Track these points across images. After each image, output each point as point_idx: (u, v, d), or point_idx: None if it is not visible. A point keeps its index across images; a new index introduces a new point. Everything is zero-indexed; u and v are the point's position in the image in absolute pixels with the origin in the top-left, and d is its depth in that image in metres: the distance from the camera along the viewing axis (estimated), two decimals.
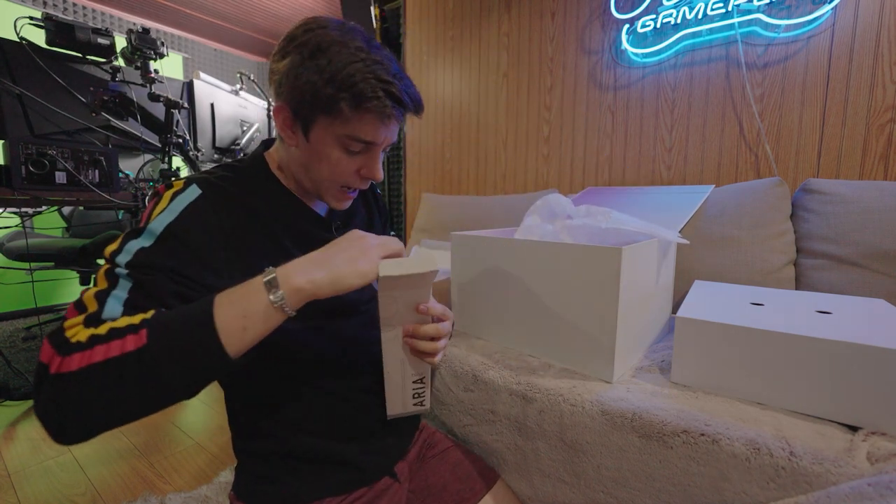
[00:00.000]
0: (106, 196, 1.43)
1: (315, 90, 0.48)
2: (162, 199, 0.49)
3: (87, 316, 0.39)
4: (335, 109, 0.49)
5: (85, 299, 0.41)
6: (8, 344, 2.08)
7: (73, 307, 0.41)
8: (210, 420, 1.43)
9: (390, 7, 2.56)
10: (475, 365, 0.79)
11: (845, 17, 1.15)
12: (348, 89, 0.48)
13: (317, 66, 0.48)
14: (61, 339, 0.37)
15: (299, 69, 0.49)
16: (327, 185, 0.57)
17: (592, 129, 1.66)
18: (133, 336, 0.36)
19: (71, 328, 0.38)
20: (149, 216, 0.47)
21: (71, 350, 0.35)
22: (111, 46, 1.58)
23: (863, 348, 0.52)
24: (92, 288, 0.42)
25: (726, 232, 1.12)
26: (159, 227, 0.46)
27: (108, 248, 0.45)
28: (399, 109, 0.51)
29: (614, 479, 0.61)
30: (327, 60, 0.48)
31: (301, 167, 0.57)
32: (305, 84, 0.49)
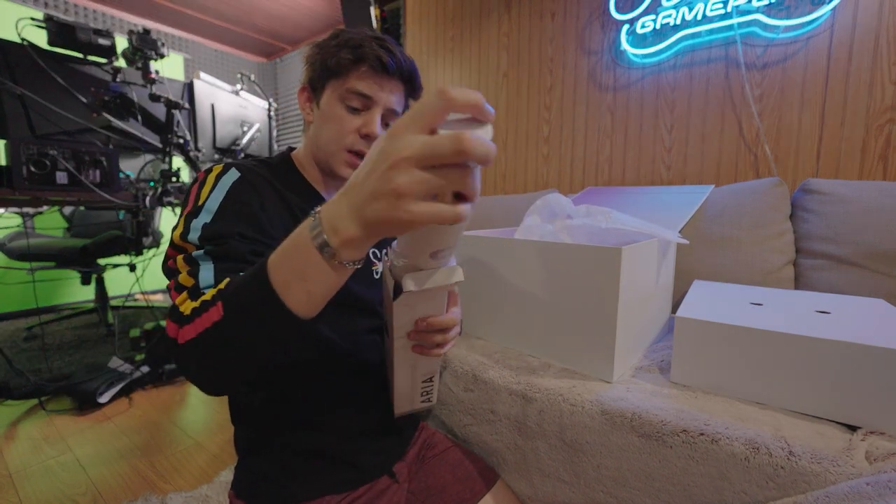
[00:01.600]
0: (107, 196, 1.43)
1: (324, 59, 0.60)
2: (206, 181, 0.54)
3: (190, 289, 0.43)
4: (338, 68, 0.59)
5: (181, 280, 0.45)
6: (9, 344, 2.08)
7: (174, 291, 0.45)
8: (210, 419, 1.43)
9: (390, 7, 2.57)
10: (475, 365, 0.79)
11: (844, 17, 1.15)
12: (348, 47, 0.59)
13: (328, 42, 0.61)
14: (177, 313, 0.41)
15: (316, 49, 0.62)
16: (334, 149, 0.62)
17: (592, 129, 1.66)
18: (214, 308, 0.38)
19: (182, 303, 0.42)
20: (197, 197, 0.52)
21: (184, 322, 0.40)
22: (112, 47, 1.58)
23: (862, 348, 0.52)
24: (182, 276, 0.45)
25: (726, 232, 1.12)
26: (214, 205, 0.51)
27: (174, 232, 0.49)
28: (392, 62, 0.59)
29: (614, 478, 0.61)
30: (337, 37, 0.61)
31: (313, 140, 0.65)
32: (317, 57, 0.61)
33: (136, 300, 2.81)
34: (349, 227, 0.32)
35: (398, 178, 0.29)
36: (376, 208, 0.30)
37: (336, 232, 0.33)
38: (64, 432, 1.34)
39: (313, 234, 0.34)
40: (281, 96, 3.92)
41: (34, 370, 1.74)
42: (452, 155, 0.29)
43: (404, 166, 0.29)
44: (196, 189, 0.54)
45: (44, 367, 1.78)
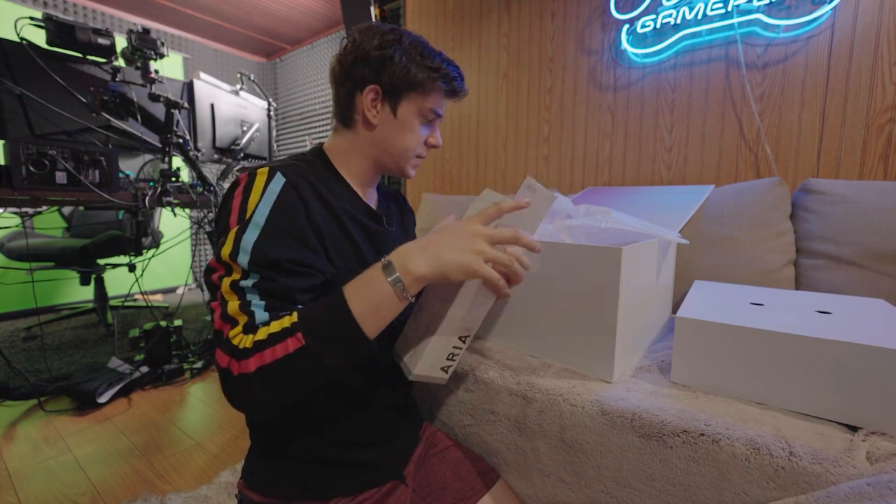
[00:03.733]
0: (106, 196, 1.43)
1: (411, 73, 0.62)
2: (253, 189, 0.52)
3: (244, 325, 0.45)
4: (426, 88, 0.63)
5: (231, 313, 0.46)
6: (8, 344, 2.08)
7: (220, 321, 0.46)
8: (210, 420, 1.43)
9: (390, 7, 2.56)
10: (475, 365, 0.79)
11: (845, 17, 1.15)
12: (442, 75, 0.64)
13: (416, 57, 0.62)
14: (231, 347, 0.44)
15: (400, 57, 0.61)
16: (408, 155, 0.67)
17: (592, 129, 1.66)
18: (291, 339, 0.44)
19: (235, 337, 0.45)
20: (243, 208, 0.51)
21: (243, 355, 0.43)
22: (111, 47, 1.58)
23: (863, 348, 0.52)
24: (231, 302, 0.47)
25: (726, 232, 1.12)
26: (261, 218, 0.50)
27: (223, 250, 0.49)
28: (463, 90, 0.68)
29: (614, 478, 0.61)
30: (421, 55, 0.63)
31: (378, 144, 0.65)
32: (404, 68, 0.61)
33: (136, 300, 2.80)
34: (421, 269, 0.47)
35: (479, 243, 0.47)
36: (457, 258, 0.46)
37: (408, 274, 0.46)
38: (63, 432, 1.34)
39: (389, 276, 0.46)
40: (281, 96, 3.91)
41: (33, 370, 1.74)
42: (510, 239, 0.49)
43: (482, 238, 0.48)
44: (241, 196, 0.52)
45: (43, 367, 1.77)
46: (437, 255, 0.47)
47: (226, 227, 0.51)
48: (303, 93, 3.66)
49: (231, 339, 0.44)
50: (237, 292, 0.47)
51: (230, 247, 0.48)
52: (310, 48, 3.55)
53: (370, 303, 0.46)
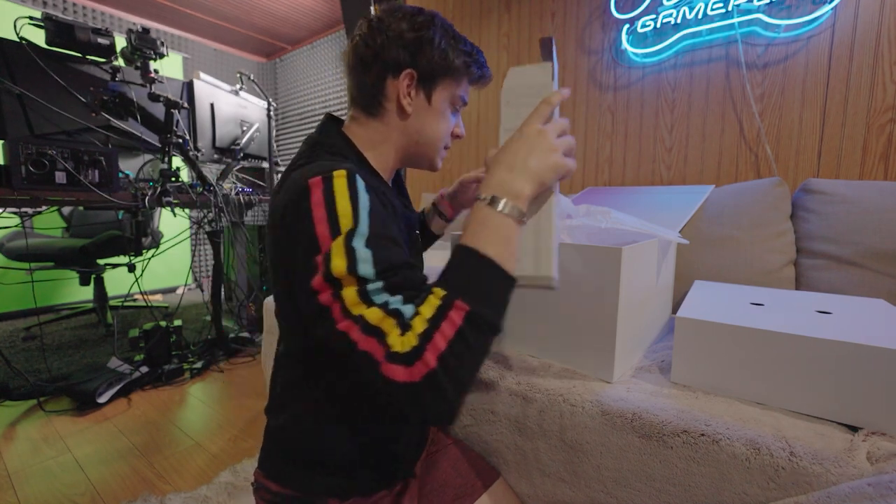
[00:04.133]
0: (106, 196, 1.43)
1: (449, 57, 0.59)
2: (336, 194, 0.46)
3: (399, 325, 0.41)
4: (460, 74, 0.61)
5: (375, 324, 0.41)
6: (8, 344, 2.08)
7: (365, 340, 0.40)
8: (210, 420, 1.43)
9: None
10: None
11: (845, 17, 1.15)
12: (475, 60, 0.63)
13: (451, 41, 0.60)
14: (399, 356, 0.39)
15: (438, 39, 0.59)
16: (438, 145, 0.64)
17: (592, 129, 1.66)
18: (452, 311, 0.40)
19: (395, 344, 0.40)
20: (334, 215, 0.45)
21: (414, 357, 0.38)
22: (111, 46, 1.58)
23: (863, 348, 0.52)
24: (367, 313, 0.41)
25: (726, 232, 1.12)
26: (365, 226, 0.45)
27: (334, 267, 0.43)
28: (489, 79, 0.67)
29: (614, 479, 0.61)
30: (454, 38, 0.61)
31: (410, 135, 0.62)
32: (442, 52, 0.59)
33: (136, 300, 2.80)
34: (525, 188, 0.46)
35: (552, 141, 0.48)
36: (546, 164, 0.47)
37: (518, 197, 0.45)
38: (63, 433, 1.34)
39: (503, 208, 0.44)
40: (280, 96, 3.91)
41: (33, 370, 1.74)
42: (567, 127, 0.51)
43: (551, 135, 0.48)
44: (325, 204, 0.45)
45: (43, 367, 1.77)
46: (529, 169, 0.46)
47: (310, 238, 0.45)
48: (303, 93, 3.65)
49: (393, 349, 0.39)
50: (367, 300, 0.42)
51: (344, 260, 0.43)
52: (310, 48, 3.55)
53: (499, 241, 0.44)
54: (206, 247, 3.60)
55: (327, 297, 0.43)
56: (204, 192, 1.77)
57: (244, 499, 1.03)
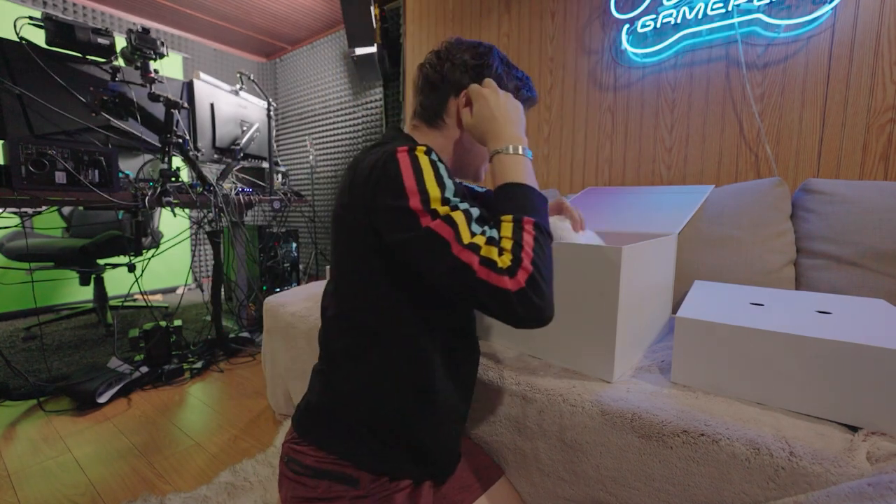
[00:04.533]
0: (106, 196, 1.43)
1: (503, 81, 0.69)
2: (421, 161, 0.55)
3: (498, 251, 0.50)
4: (516, 96, 0.69)
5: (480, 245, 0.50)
6: (8, 344, 2.08)
7: (475, 256, 0.49)
8: (210, 420, 1.43)
9: (390, 7, 2.57)
10: None
11: (845, 17, 1.15)
12: (525, 84, 0.72)
13: (506, 68, 0.70)
14: (502, 269, 0.48)
15: (496, 65, 0.68)
16: (486, 156, 0.69)
17: (592, 129, 1.66)
18: (526, 225, 0.52)
19: (499, 261, 0.48)
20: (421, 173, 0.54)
21: (517, 267, 0.48)
22: (111, 46, 1.58)
23: (863, 348, 0.52)
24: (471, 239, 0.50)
25: (726, 232, 1.12)
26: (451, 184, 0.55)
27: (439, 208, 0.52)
28: (536, 100, 0.77)
29: (614, 478, 0.61)
30: (509, 66, 0.71)
31: (465, 145, 0.70)
32: (498, 77, 0.68)
33: (136, 300, 2.80)
34: (520, 133, 0.63)
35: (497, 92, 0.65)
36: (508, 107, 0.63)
37: (520, 139, 0.62)
38: (63, 433, 1.34)
39: (520, 152, 0.60)
40: (280, 96, 3.91)
41: (33, 371, 1.74)
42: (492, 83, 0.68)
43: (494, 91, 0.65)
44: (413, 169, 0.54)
45: (42, 367, 1.77)
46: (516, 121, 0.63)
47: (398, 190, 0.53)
48: (302, 93, 3.65)
49: (500, 265, 0.48)
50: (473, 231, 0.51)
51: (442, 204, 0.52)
52: (309, 48, 3.55)
53: (524, 172, 0.59)
54: (206, 247, 3.60)
55: (441, 227, 0.51)
56: (204, 192, 1.77)
57: (244, 499, 1.03)
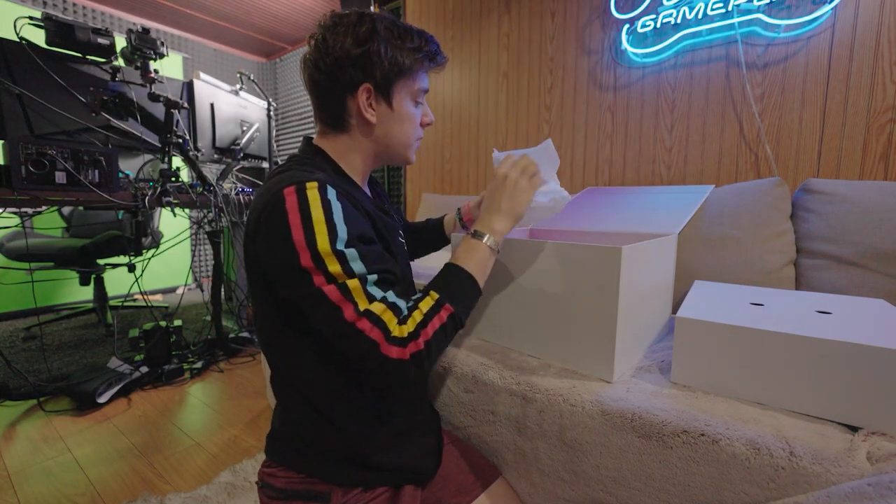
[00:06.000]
0: (106, 196, 1.43)
1: (398, 61, 0.60)
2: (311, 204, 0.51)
3: (399, 319, 0.52)
4: (414, 70, 0.62)
5: (377, 313, 0.51)
6: (8, 344, 2.08)
7: (369, 323, 0.50)
8: (210, 420, 1.43)
9: (390, 7, 2.56)
10: (475, 366, 0.79)
11: (845, 16, 1.15)
12: (424, 53, 0.63)
13: (396, 43, 0.60)
14: (396, 339, 0.50)
15: (384, 49, 0.59)
16: (408, 143, 0.67)
17: (592, 130, 1.66)
18: (442, 310, 0.54)
19: (394, 330, 0.51)
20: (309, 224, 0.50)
21: (412, 338, 0.51)
22: (111, 46, 1.58)
23: (863, 348, 0.52)
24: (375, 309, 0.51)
25: (726, 232, 1.12)
26: (343, 233, 0.51)
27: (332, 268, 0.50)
28: (445, 61, 0.68)
29: (614, 478, 0.61)
30: (400, 38, 0.61)
31: (380, 140, 0.65)
32: (391, 59, 0.60)
33: (136, 300, 2.80)
34: (506, 227, 0.63)
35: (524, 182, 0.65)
36: (518, 201, 0.64)
37: (498, 233, 0.62)
38: (63, 433, 1.34)
39: (487, 242, 0.61)
40: (280, 96, 3.91)
41: (33, 371, 1.74)
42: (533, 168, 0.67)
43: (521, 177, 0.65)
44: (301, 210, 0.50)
45: (43, 367, 1.77)
46: (508, 211, 0.63)
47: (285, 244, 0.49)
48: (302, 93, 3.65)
49: (394, 334, 0.50)
50: (369, 295, 0.51)
51: (337, 265, 0.50)
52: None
53: (478, 264, 0.60)
54: (206, 247, 3.60)
55: (334, 293, 0.50)
56: (204, 192, 1.77)
57: (244, 499, 1.03)
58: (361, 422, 0.61)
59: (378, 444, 0.62)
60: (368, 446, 0.61)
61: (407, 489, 0.63)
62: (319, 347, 0.57)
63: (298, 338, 0.58)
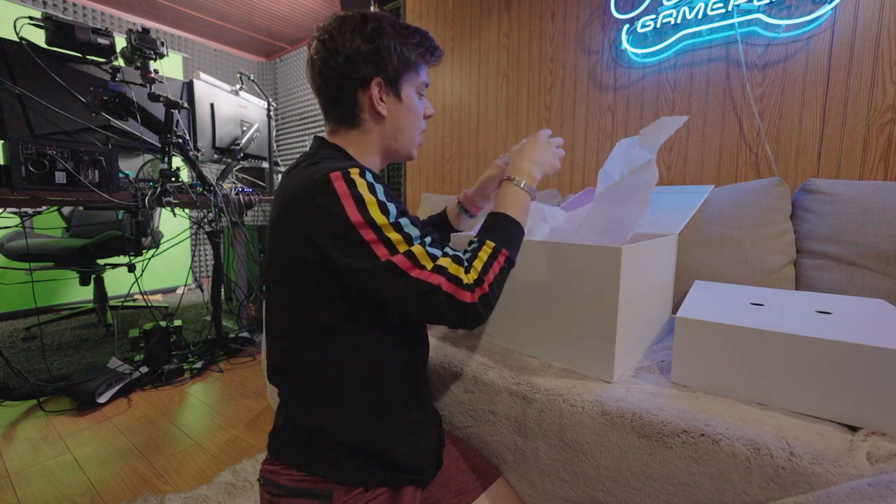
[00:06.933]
0: (106, 196, 1.43)
1: (405, 56, 0.64)
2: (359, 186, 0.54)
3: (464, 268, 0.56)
4: (417, 64, 0.67)
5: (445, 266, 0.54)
6: (8, 344, 2.08)
7: (441, 277, 0.53)
8: (210, 420, 1.43)
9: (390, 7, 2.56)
10: (475, 366, 0.79)
11: (845, 17, 1.15)
12: (427, 48, 0.67)
13: (402, 39, 0.64)
14: (467, 285, 0.54)
15: (393, 44, 0.63)
16: (415, 135, 0.71)
17: (592, 129, 1.66)
18: (500, 255, 0.58)
19: (464, 278, 0.54)
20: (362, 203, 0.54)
21: (478, 283, 0.55)
22: (111, 46, 1.58)
23: (863, 348, 0.52)
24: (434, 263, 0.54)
25: (726, 232, 1.12)
26: (393, 208, 0.56)
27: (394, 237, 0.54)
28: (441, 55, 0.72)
29: (614, 478, 0.61)
30: (405, 35, 0.65)
31: (390, 134, 0.67)
32: (399, 55, 0.63)
33: (136, 300, 2.80)
34: (537, 174, 0.70)
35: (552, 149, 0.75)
36: (549, 161, 0.73)
37: (532, 178, 0.69)
38: (63, 433, 1.34)
39: (523, 186, 0.67)
40: (280, 96, 3.91)
41: (33, 371, 1.74)
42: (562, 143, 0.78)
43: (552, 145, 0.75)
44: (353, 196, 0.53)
45: (42, 367, 1.77)
46: (539, 162, 0.71)
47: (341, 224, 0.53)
48: (302, 93, 3.65)
49: (465, 282, 0.54)
50: (433, 256, 0.55)
51: (398, 234, 0.54)
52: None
53: (521, 208, 0.65)
54: (206, 247, 3.60)
55: (403, 262, 0.53)
56: (204, 192, 1.77)
57: (244, 499, 1.03)
58: (379, 414, 0.61)
59: (392, 438, 0.62)
60: (382, 440, 0.61)
61: (407, 490, 0.63)
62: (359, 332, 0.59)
63: (335, 324, 0.59)
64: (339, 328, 0.59)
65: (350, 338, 0.59)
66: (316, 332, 0.59)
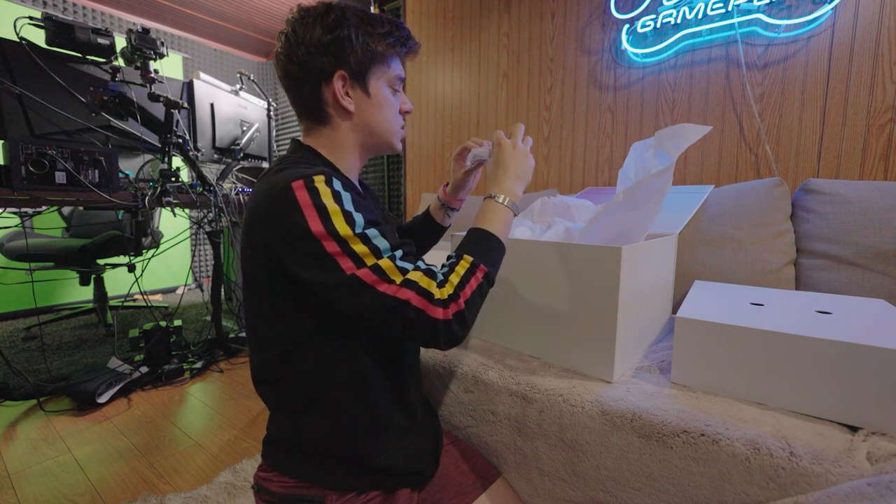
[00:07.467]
0: (106, 196, 1.43)
1: (370, 47, 0.61)
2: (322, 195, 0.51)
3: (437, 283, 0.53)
4: (388, 56, 0.63)
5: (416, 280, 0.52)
6: (8, 344, 2.08)
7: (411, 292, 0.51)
8: (210, 420, 1.43)
9: (390, 7, 2.57)
10: (475, 366, 0.79)
11: (845, 17, 1.15)
12: (396, 38, 0.63)
13: (367, 29, 0.61)
14: (437, 300, 0.51)
15: (354, 34, 0.59)
16: (394, 129, 0.67)
17: (592, 130, 1.66)
18: (478, 270, 0.56)
19: (436, 293, 0.51)
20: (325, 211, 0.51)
21: (449, 301, 0.52)
22: (111, 46, 1.58)
23: (863, 348, 0.52)
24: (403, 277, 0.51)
25: (726, 232, 1.12)
26: (359, 218, 0.53)
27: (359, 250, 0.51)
28: (417, 48, 0.68)
29: (614, 478, 0.61)
30: (370, 24, 0.61)
31: (362, 129, 0.65)
32: (363, 44, 0.60)
33: (136, 300, 2.80)
34: (519, 190, 0.66)
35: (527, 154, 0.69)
36: (526, 168, 0.68)
37: (513, 195, 0.65)
38: (63, 433, 1.34)
39: (506, 203, 0.63)
40: (280, 96, 3.91)
41: (33, 371, 1.74)
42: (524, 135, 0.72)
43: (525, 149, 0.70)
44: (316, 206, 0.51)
45: (42, 367, 1.77)
46: (520, 176, 0.67)
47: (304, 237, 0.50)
48: None
49: (437, 297, 0.51)
50: (403, 270, 0.52)
51: (364, 248, 0.51)
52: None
53: (502, 224, 0.62)
54: (206, 247, 3.60)
55: (369, 276, 0.50)
56: (204, 192, 1.77)
57: (244, 499, 1.03)
58: (363, 422, 0.61)
59: (378, 445, 0.62)
60: (368, 447, 0.61)
61: (402, 492, 0.63)
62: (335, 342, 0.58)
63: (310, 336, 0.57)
64: (314, 340, 0.57)
65: (325, 349, 0.58)
66: (292, 344, 0.58)
